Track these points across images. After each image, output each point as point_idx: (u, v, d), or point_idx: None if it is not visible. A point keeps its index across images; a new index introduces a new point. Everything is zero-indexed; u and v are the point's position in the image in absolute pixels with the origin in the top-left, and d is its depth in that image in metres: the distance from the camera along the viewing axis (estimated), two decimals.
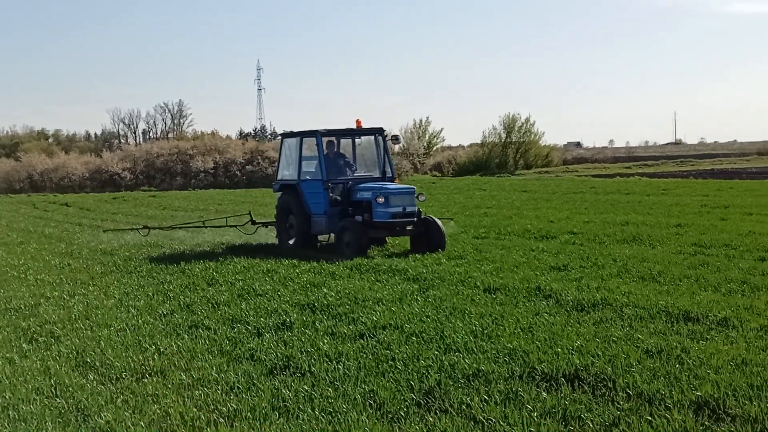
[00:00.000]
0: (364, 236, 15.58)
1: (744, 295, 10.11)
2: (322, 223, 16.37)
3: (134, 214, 29.45)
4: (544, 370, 6.83)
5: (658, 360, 7.08)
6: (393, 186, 16.27)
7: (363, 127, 17.74)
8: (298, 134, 17.76)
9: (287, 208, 17.26)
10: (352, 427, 5.73)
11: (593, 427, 5.60)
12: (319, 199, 16.36)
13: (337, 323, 9.15)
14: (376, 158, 17.96)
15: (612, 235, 17.21)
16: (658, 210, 23.71)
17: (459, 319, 9.03)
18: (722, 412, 5.75)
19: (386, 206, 15.46)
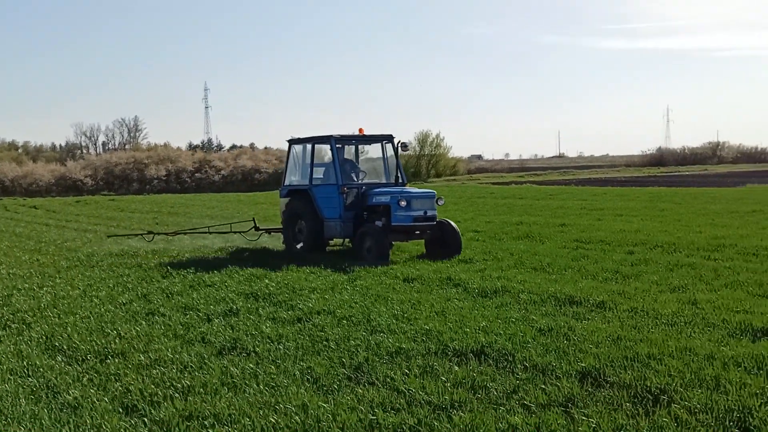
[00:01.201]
0: (386, 241, 13.51)
1: (617, 282, 10.36)
2: (336, 227, 14.35)
3: (95, 215, 28.69)
4: (455, 347, 6.88)
5: (549, 337, 7.19)
6: (414, 190, 14.47)
7: (372, 134, 15.70)
8: (309, 140, 15.59)
9: (296, 213, 15.13)
10: (292, 399, 5.67)
11: (496, 394, 5.66)
12: (332, 203, 14.33)
13: (277, 309, 9.06)
14: (382, 164, 15.95)
15: (509, 233, 17.47)
16: (545, 212, 24.16)
17: (382, 304, 9.04)
18: (602, 379, 5.87)
19: (408, 210, 13.51)
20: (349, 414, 5.30)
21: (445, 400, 5.53)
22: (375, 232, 13.55)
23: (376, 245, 13.30)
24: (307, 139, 15.64)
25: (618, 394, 5.52)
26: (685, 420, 4.98)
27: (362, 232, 13.75)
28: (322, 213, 14.48)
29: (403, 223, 13.55)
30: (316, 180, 15.39)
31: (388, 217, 13.69)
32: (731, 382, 5.60)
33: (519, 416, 5.17)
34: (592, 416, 5.08)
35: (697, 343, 6.79)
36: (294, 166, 16.15)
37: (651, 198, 29.75)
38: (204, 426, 5.21)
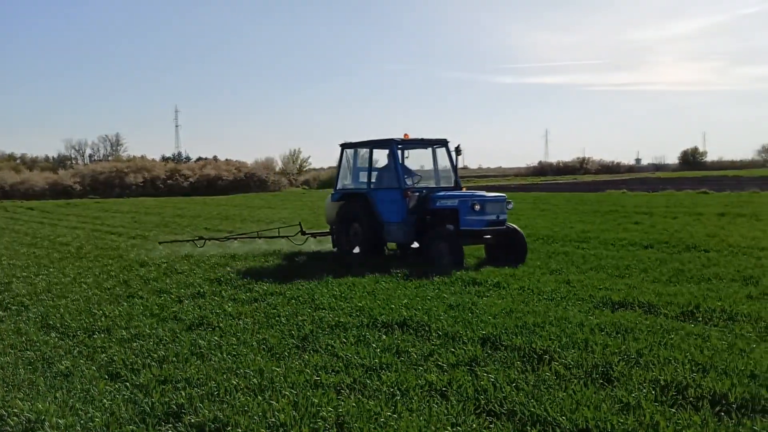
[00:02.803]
0: (461, 246, 11.02)
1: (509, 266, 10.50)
2: (398, 231, 11.83)
3: (83, 215, 27.55)
4: (383, 320, 6.88)
5: (457, 311, 7.26)
6: (485, 193, 11.70)
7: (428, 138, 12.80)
8: (366, 144, 12.73)
9: (351, 216, 12.46)
10: (250, 365, 5.57)
11: (416, 357, 5.68)
12: (394, 207, 11.82)
13: (237, 292, 8.88)
14: (434, 168, 13.10)
15: None
16: None
17: (324, 287, 8.97)
18: (499, 343, 5.96)
19: (482, 214, 11.07)
20: (297, 376, 5.25)
21: (375, 363, 5.52)
22: (449, 236, 11.04)
23: (450, 250, 10.85)
24: (363, 143, 12.90)
25: (511, 355, 5.62)
26: (563, 374, 5.10)
27: (434, 237, 11.16)
28: (382, 217, 12.00)
29: (476, 227, 11.13)
30: (372, 183, 12.73)
31: (456, 221, 11.35)
32: (597, 344, 5.77)
33: (434, 374, 5.20)
34: (492, 372, 5.16)
35: (571, 313, 6.97)
36: (347, 170, 13.34)
37: (534, 200, 30.41)
38: (177, 388, 5.06)
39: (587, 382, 4.90)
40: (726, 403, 4.38)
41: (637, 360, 5.31)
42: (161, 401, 4.78)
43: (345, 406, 4.58)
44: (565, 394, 4.64)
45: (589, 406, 4.41)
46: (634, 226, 16.64)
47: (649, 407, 4.36)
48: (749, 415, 4.20)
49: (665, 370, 5.03)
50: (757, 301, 7.37)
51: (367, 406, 4.57)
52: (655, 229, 15.55)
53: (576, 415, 4.25)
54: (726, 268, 9.74)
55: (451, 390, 4.85)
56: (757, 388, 4.57)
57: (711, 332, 6.07)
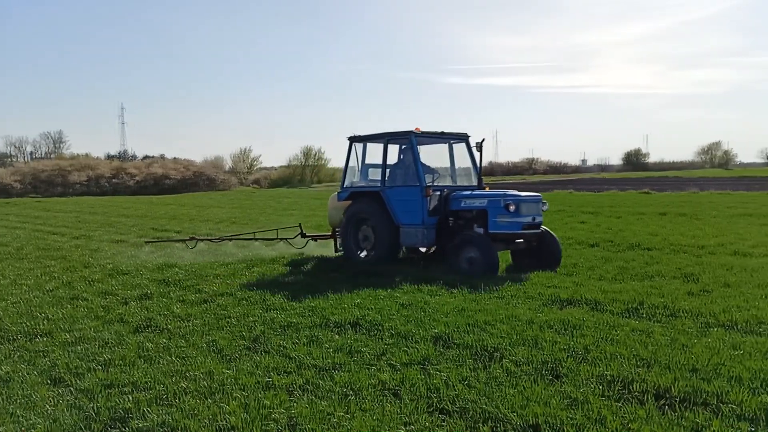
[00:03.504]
0: (495, 253, 9.68)
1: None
2: (417, 234, 10.50)
3: (23, 215, 26.53)
4: (336, 320, 6.84)
5: (409, 310, 7.27)
6: (518, 193, 10.34)
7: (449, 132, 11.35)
8: (379, 137, 11.22)
9: (361, 218, 11.20)
10: (200, 367, 5.46)
11: (369, 356, 5.67)
12: (412, 208, 10.55)
13: (186, 293, 8.70)
14: (450, 165, 11.69)
15: None
16: None
17: (276, 286, 8.87)
18: (451, 342, 6.00)
19: (516, 215, 9.84)
20: (248, 377, 5.16)
21: (328, 363, 5.48)
22: (481, 240, 9.78)
23: (483, 255, 9.61)
24: (376, 136, 11.40)
25: (463, 353, 5.66)
26: (513, 371, 5.17)
27: (463, 242, 9.86)
28: (398, 218, 10.71)
29: (509, 230, 9.91)
30: (373, 180, 11.58)
31: (484, 223, 10.14)
32: (546, 341, 5.87)
33: (387, 373, 5.20)
34: (443, 370, 5.19)
35: (521, 311, 7.07)
36: (356, 166, 11.81)
37: None
38: (123, 392, 4.92)
39: (537, 379, 4.98)
40: (669, 397, 4.52)
41: (584, 356, 5.43)
42: (107, 406, 4.63)
43: (297, 408, 4.53)
44: (515, 391, 4.71)
45: (539, 402, 4.49)
46: (581, 225, 17.04)
47: (597, 402, 4.46)
48: (691, 408, 4.34)
49: (611, 365, 5.15)
50: (697, 298, 7.64)
51: (320, 407, 4.54)
52: (600, 228, 15.96)
53: (526, 411, 4.32)
54: (667, 266, 10.07)
55: (403, 389, 4.86)
56: (698, 381, 4.73)
57: (654, 328, 6.26)
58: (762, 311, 6.72)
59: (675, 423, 4.10)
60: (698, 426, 4.04)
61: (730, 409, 4.27)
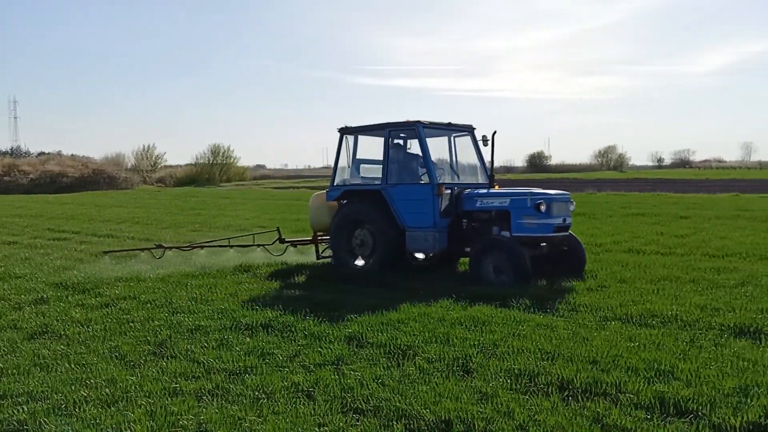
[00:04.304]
0: (526, 257, 8.56)
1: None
2: (426, 239, 9.33)
3: None
4: (247, 323, 6.70)
5: (323, 310, 7.24)
6: (549, 191, 9.19)
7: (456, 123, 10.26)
8: (377, 128, 9.97)
9: (356, 220, 9.99)
10: (101, 374, 5.20)
11: (281, 358, 5.59)
12: (421, 208, 9.35)
13: (86, 297, 8.25)
14: (450, 161, 10.41)
15: (290, 227, 17.40)
16: None
17: (182, 289, 8.58)
18: (364, 341, 6.01)
19: (546, 216, 8.76)
20: (154, 384, 4.96)
21: (239, 366, 5.36)
22: (509, 245, 8.68)
23: (513, 262, 8.51)
24: (373, 127, 10.12)
25: (376, 352, 5.69)
26: (426, 368, 5.25)
27: (488, 246, 8.84)
28: (404, 221, 9.53)
29: (538, 233, 8.82)
30: (367, 178, 10.35)
31: (506, 226, 9.13)
32: (457, 337, 6.00)
33: (300, 375, 5.15)
34: (358, 370, 5.19)
35: (433, 309, 7.19)
36: (349, 161, 10.50)
37: None
38: (17, 403, 4.60)
39: (448, 375, 5.08)
40: (572, 388, 4.73)
41: (493, 351, 5.59)
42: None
43: (207, 413, 4.40)
44: (428, 388, 4.78)
45: (451, 397, 4.58)
46: None
47: (505, 395, 4.60)
48: (592, 398, 4.56)
49: (518, 359, 5.33)
50: (595, 293, 8.04)
51: (230, 412, 4.43)
52: None
53: (438, 407, 4.39)
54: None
55: (317, 390, 4.82)
56: (598, 372, 4.97)
57: (557, 323, 6.53)
58: (654, 305, 7.15)
59: (578, 413, 4.30)
60: (599, 415, 4.25)
61: (628, 398, 4.52)
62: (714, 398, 4.42)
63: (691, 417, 4.21)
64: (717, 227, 15.54)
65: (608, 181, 52.70)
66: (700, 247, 12.04)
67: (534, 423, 4.14)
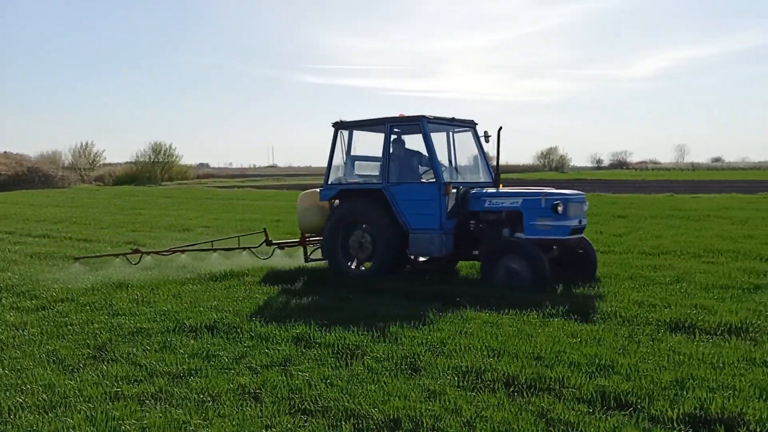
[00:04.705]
0: (545, 261, 8.11)
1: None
2: (432, 241, 8.77)
3: None
4: (191, 324, 6.56)
5: (269, 310, 7.17)
6: (564, 191, 8.70)
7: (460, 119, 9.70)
8: (380, 123, 9.39)
9: (353, 221, 9.44)
10: (38, 379, 4.99)
11: (227, 360, 5.50)
12: (426, 209, 8.81)
13: (20, 299, 7.92)
14: (449, 158, 9.79)
15: (234, 227, 17.14)
16: (264, 210, 24.12)
17: (123, 290, 8.34)
18: (312, 341, 5.97)
19: (564, 218, 8.28)
20: (94, 389, 4.80)
21: (183, 369, 5.25)
22: (525, 247, 8.18)
23: (531, 266, 8.04)
24: (372, 122, 9.56)
25: (324, 352, 5.66)
26: (374, 367, 5.25)
27: (504, 248, 8.37)
28: (408, 222, 8.99)
29: (553, 236, 8.36)
30: (372, 177, 9.73)
31: (518, 227, 8.62)
32: (405, 336, 6.03)
33: (246, 377, 5.08)
34: (305, 371, 5.16)
35: (381, 309, 7.19)
36: (344, 158, 9.82)
37: None
38: None
39: (397, 374, 5.10)
40: (517, 384, 4.82)
41: (441, 349, 5.65)
42: None
43: (150, 418, 4.28)
44: (376, 387, 4.79)
45: (399, 396, 4.60)
46: None
47: (453, 393, 4.65)
48: (537, 393, 4.66)
49: (465, 356, 5.40)
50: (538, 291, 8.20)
51: (175, 416, 4.32)
52: None
53: (387, 406, 4.40)
54: None
55: (264, 391, 4.76)
56: (542, 368, 5.08)
57: (503, 320, 6.65)
58: (594, 301, 7.36)
59: (523, 408, 4.39)
60: (543, 410, 4.34)
61: (571, 392, 4.64)
62: (652, 391, 4.58)
63: (630, 410, 4.35)
64: (653, 226, 16.12)
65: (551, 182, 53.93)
66: (637, 245, 12.46)
67: (481, 419, 4.20)
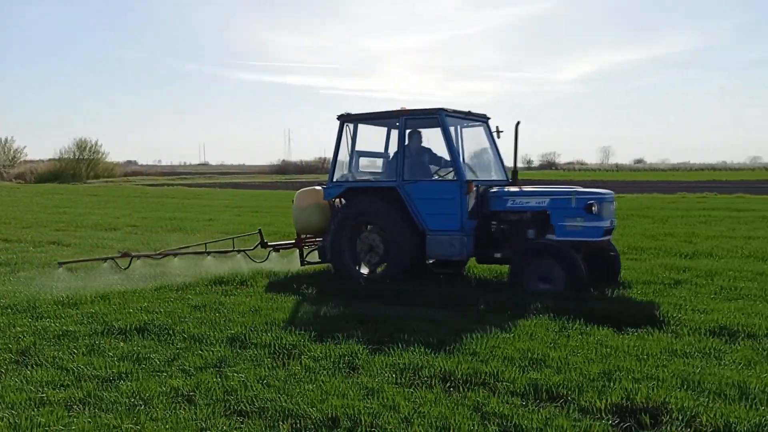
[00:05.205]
0: (582, 265, 7.59)
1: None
2: (452, 244, 8.19)
3: None
4: (120, 326, 6.35)
5: (202, 311, 7.02)
6: (598, 190, 8.19)
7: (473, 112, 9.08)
8: (392, 116, 8.78)
9: (362, 221, 8.83)
10: None
11: (159, 363, 5.36)
12: (446, 208, 8.22)
13: None
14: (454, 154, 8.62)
15: (163, 226, 16.72)
16: (195, 209, 23.59)
17: (47, 293, 7.98)
18: (248, 342, 5.89)
19: (598, 219, 7.75)
20: (17, 394, 4.59)
21: (112, 372, 5.08)
22: (561, 249, 7.67)
23: (568, 271, 7.54)
24: (381, 114, 8.97)
25: (261, 352, 5.59)
26: (312, 366, 5.23)
27: (535, 251, 7.90)
28: (425, 223, 8.37)
29: (586, 238, 7.82)
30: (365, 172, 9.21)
31: (546, 229, 8.12)
32: (344, 334, 6.02)
33: (179, 379, 4.96)
34: (241, 372, 5.08)
35: (322, 307, 7.17)
36: (351, 153, 9.17)
37: (278, 198, 30.79)
38: None
39: (335, 372, 5.09)
40: (454, 379, 4.91)
41: (379, 347, 5.68)
42: None
43: (78, 423, 4.12)
44: (314, 386, 4.77)
45: (337, 394, 4.60)
46: None
47: (391, 390, 4.69)
48: (472, 388, 4.76)
49: (404, 354, 5.45)
50: (474, 288, 8.36)
51: (104, 421, 4.18)
52: None
53: (325, 405, 4.39)
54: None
55: (198, 394, 4.67)
56: (478, 363, 5.19)
57: (441, 317, 6.74)
58: (526, 297, 7.54)
59: (459, 403, 4.47)
60: (479, 404, 4.43)
61: (505, 386, 4.75)
62: (581, 383, 4.75)
63: (561, 401, 4.50)
64: None
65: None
66: None
67: (418, 415, 4.25)
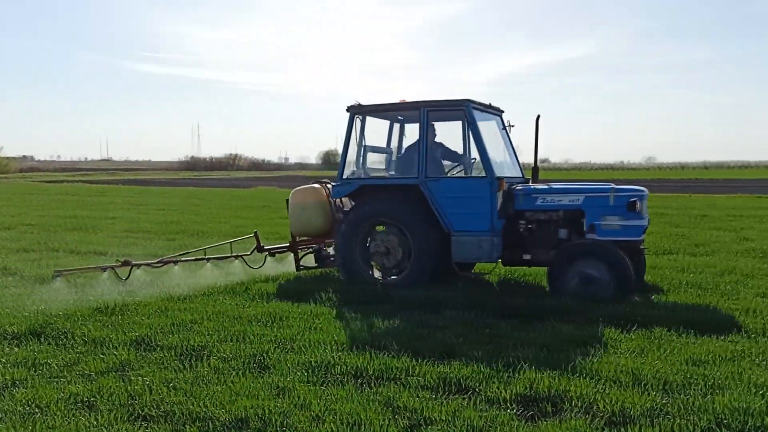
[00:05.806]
0: (629, 266, 7.11)
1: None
2: (481, 245, 7.65)
3: None
4: (14, 331, 6.01)
5: (105, 313, 6.74)
6: (635, 187, 7.74)
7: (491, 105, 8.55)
8: (411, 107, 8.18)
9: (378, 222, 8.24)
10: None
11: (57, 368, 5.11)
12: (474, 207, 7.67)
13: None
14: (465, 150, 8.39)
15: (62, 225, 15.86)
16: (97, 207, 22.53)
17: None
18: (153, 344, 5.72)
19: (638, 217, 7.35)
20: None
21: (5, 380, 4.81)
22: (608, 249, 7.15)
23: (613, 272, 7.07)
24: (399, 106, 8.35)
25: (167, 355, 5.45)
26: (220, 367, 5.13)
27: (577, 252, 7.34)
28: (450, 223, 7.82)
29: (626, 237, 7.36)
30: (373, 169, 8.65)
31: (578, 229, 7.68)
32: (253, 334, 5.96)
33: (79, 384, 4.75)
34: (146, 375, 4.93)
35: (227, 307, 7.05)
36: (362, 148, 8.53)
37: (187, 195, 29.92)
38: None
39: (245, 372, 5.02)
40: (366, 376, 4.95)
41: (290, 346, 5.64)
42: None
43: None
44: (223, 387, 4.69)
45: (247, 395, 4.54)
46: (284, 220, 17.59)
47: (302, 388, 4.68)
48: (384, 384, 4.82)
49: (315, 352, 5.45)
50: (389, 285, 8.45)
51: None
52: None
53: (234, 406, 4.33)
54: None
55: (99, 399, 4.48)
56: (389, 359, 5.26)
57: (352, 314, 6.77)
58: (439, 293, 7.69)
59: (371, 399, 4.52)
60: (390, 399, 4.50)
61: (416, 380, 4.85)
62: (488, 375, 4.92)
63: (469, 393, 4.64)
64: None
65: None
66: None
67: (330, 412, 4.27)
